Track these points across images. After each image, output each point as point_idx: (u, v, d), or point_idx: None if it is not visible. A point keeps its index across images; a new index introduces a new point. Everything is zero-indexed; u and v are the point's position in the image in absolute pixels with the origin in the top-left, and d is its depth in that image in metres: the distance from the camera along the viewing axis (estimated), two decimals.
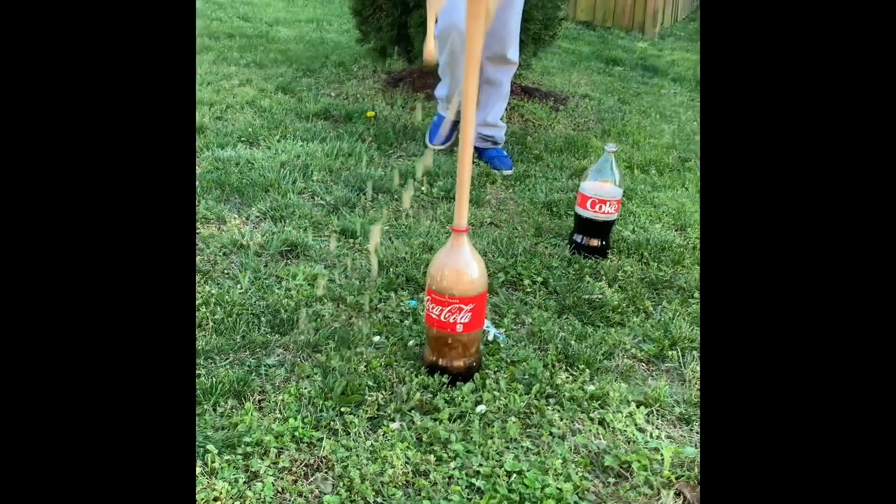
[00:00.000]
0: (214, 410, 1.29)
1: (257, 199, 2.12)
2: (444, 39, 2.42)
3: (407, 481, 1.18)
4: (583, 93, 3.60)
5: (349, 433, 1.26)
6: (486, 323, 1.58)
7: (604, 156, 1.98)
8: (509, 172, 2.57)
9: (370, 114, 2.95)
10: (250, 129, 2.62)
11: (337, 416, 1.30)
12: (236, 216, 2.02)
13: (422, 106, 3.12)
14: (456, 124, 2.59)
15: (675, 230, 2.22)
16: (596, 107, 3.41)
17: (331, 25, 4.41)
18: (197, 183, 2.12)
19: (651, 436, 1.33)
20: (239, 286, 1.67)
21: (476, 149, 2.63)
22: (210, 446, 1.19)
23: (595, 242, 2.00)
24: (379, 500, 1.14)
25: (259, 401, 1.33)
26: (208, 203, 2.05)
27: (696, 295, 1.84)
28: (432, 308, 1.39)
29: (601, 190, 1.97)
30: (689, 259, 2.02)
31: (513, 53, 2.46)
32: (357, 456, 1.21)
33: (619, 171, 1.99)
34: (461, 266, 1.37)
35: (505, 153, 2.66)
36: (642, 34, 5.22)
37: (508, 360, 1.50)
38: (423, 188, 2.34)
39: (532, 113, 3.19)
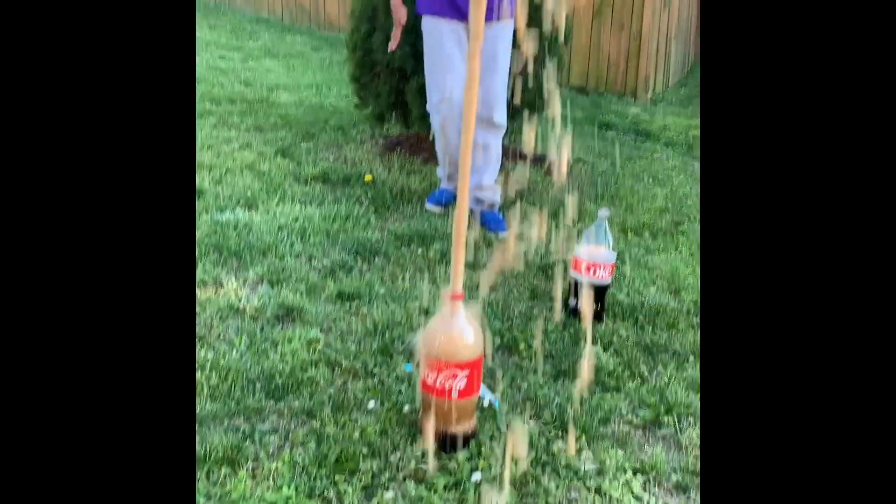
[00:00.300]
0: (208, 478, 1.28)
1: (255, 263, 2.13)
2: (436, 111, 2.52)
3: None
4: (577, 157, 3.67)
5: (343, 503, 1.24)
6: (482, 388, 1.57)
7: (597, 221, 2.01)
8: (505, 235, 2.59)
9: (368, 178, 3.00)
10: (249, 193, 2.66)
11: (331, 484, 1.28)
12: (234, 279, 2.03)
13: (418, 170, 3.17)
14: (455, 197, 2.70)
15: (669, 293, 2.23)
16: (590, 171, 3.47)
17: (330, 91, 4.51)
18: (196, 247, 2.14)
19: None
20: (234, 351, 1.67)
21: (472, 211, 2.67)
22: None
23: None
24: None
25: (252, 468, 1.32)
26: (206, 267, 2.06)
27: (691, 359, 1.84)
28: (428, 374, 1.39)
29: (595, 254, 1.99)
30: (684, 323, 2.03)
31: (499, 116, 2.53)
32: None
33: (612, 235, 2.02)
34: (456, 332, 1.38)
35: (501, 216, 2.69)
36: (634, 99, 5.35)
37: (504, 427, 1.49)
38: (419, 251, 2.36)
39: (527, 177, 3.24)
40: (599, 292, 2.01)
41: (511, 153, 3.45)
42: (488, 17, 2.42)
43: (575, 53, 5.46)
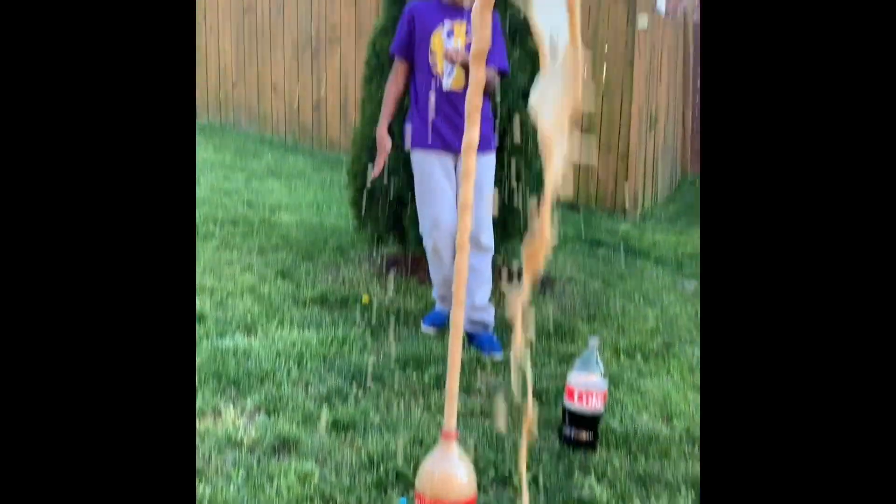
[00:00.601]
0: None
1: (253, 391, 2.17)
2: (429, 237, 2.64)
3: None
4: (568, 276, 3.77)
5: None
6: None
7: (588, 349, 2.07)
8: (499, 357, 2.64)
9: (365, 299, 3.08)
10: (249, 317, 2.72)
11: None
12: (232, 409, 2.06)
13: (414, 290, 3.26)
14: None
15: (662, 420, 2.26)
16: (581, 290, 3.56)
17: (330, 210, 4.67)
18: (196, 374, 2.18)
19: None
20: (232, 485, 1.69)
21: (466, 333, 2.74)
22: None
23: (584, 435, 2.03)
24: None
25: None
26: (206, 395, 2.10)
27: (684, 490, 1.85)
28: None
29: (587, 382, 2.04)
30: (676, 451, 2.05)
31: (486, 238, 2.65)
32: None
33: (603, 361, 2.08)
34: (450, 472, 1.41)
35: (495, 337, 2.75)
36: (624, 216, 5.53)
37: None
38: (414, 375, 2.40)
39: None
40: (592, 421, 2.04)
41: (501, 272, 3.55)
42: (481, 149, 2.59)
43: (565, 172, 5.68)
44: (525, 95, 3.17)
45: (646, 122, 5.58)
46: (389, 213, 3.29)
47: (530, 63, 3.19)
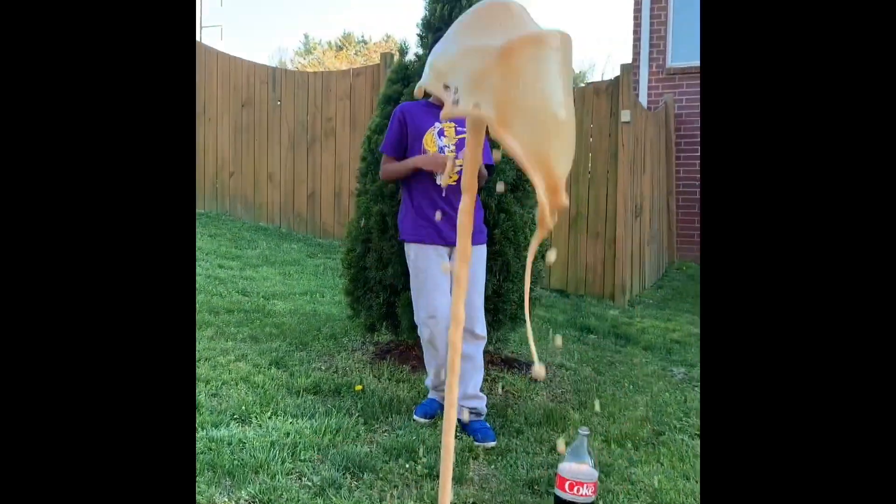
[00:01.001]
0: None
1: (247, 482, 2.18)
2: (424, 325, 2.72)
3: None
4: (559, 363, 3.82)
5: None
6: None
7: (578, 438, 2.11)
8: (492, 445, 2.66)
9: (358, 387, 3.11)
10: (243, 407, 2.75)
11: None
12: (227, 501, 2.07)
13: (407, 378, 3.29)
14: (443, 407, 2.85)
15: None
16: (572, 377, 3.60)
17: (323, 297, 4.75)
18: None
19: None
20: None
21: (459, 421, 2.77)
22: None
23: None
24: None
25: None
26: (201, 487, 2.11)
27: None
28: None
29: (578, 472, 2.07)
30: None
31: (480, 329, 2.75)
32: None
33: (593, 452, 2.11)
34: None
35: (488, 425, 2.78)
36: (613, 302, 5.63)
37: None
38: (407, 465, 2.42)
39: (511, 384, 3.36)
40: None
41: (495, 360, 3.60)
42: (475, 241, 2.71)
43: (554, 260, 5.82)
44: (514, 189, 3.33)
45: (631, 210, 5.76)
46: (382, 302, 3.36)
47: None
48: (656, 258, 6.91)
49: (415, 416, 2.83)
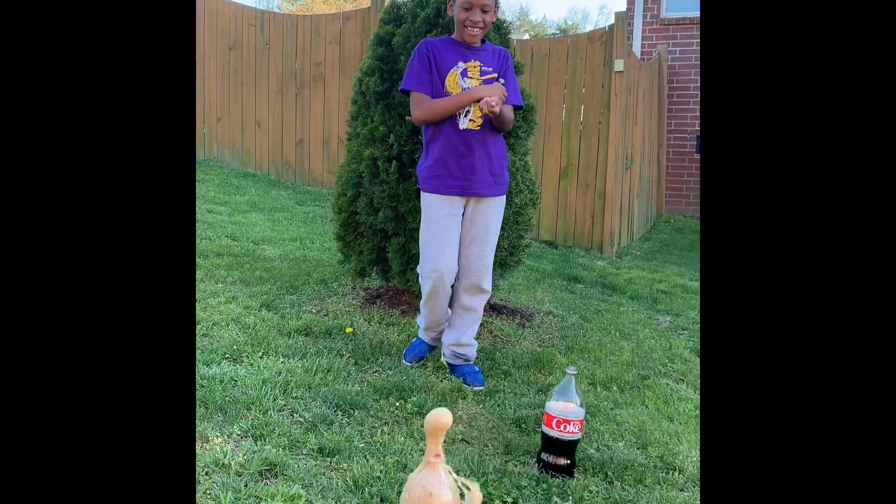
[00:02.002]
0: None
1: (239, 417, 2.21)
2: (427, 278, 2.67)
3: None
4: (547, 310, 3.86)
5: None
6: None
7: (566, 378, 2.15)
8: (481, 388, 2.71)
9: (349, 330, 3.13)
10: (234, 347, 2.77)
11: None
12: (219, 434, 2.10)
13: (397, 322, 3.32)
14: (432, 349, 2.84)
15: (637, 448, 2.33)
16: (559, 323, 3.64)
17: (313, 244, 4.74)
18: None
19: None
20: None
21: (449, 365, 2.82)
22: None
23: (562, 461, 2.10)
24: None
25: None
26: None
27: None
28: None
29: (565, 410, 2.11)
30: (650, 478, 2.12)
31: (487, 284, 2.73)
32: None
33: (580, 391, 2.15)
34: (434, 491, 1.47)
35: (477, 369, 2.82)
36: (601, 253, 5.67)
37: None
38: (397, 404, 2.46)
39: (500, 329, 3.40)
40: (570, 447, 2.11)
41: (485, 306, 3.63)
42: (494, 192, 2.67)
43: (544, 210, 5.83)
44: (505, 136, 3.31)
45: (622, 162, 5.75)
46: (373, 247, 3.37)
47: (525, 123, 3.35)
48: (645, 211, 6.94)
49: (404, 360, 2.86)
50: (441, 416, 1.49)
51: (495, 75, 2.61)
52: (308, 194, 6.50)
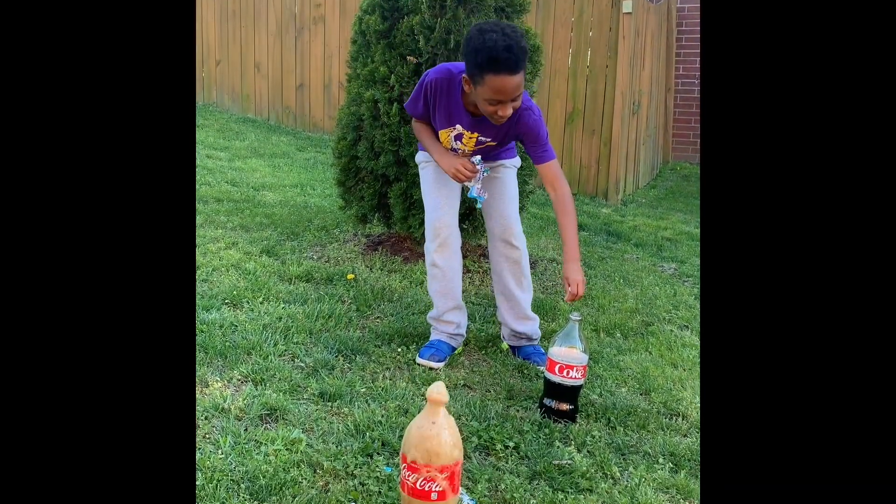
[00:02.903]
0: None
1: (239, 362, 2.19)
2: (429, 229, 2.38)
3: None
4: (550, 257, 3.82)
5: None
6: (460, 490, 1.62)
7: (569, 324, 2.12)
8: (544, 368, 2.27)
9: (350, 276, 3.10)
10: (235, 292, 2.74)
11: None
12: (218, 379, 2.08)
13: (399, 269, 3.29)
14: (453, 349, 2.46)
15: (640, 394, 2.32)
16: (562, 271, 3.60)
17: (314, 190, 4.68)
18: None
19: None
20: (219, 451, 1.72)
21: (511, 348, 2.55)
22: None
23: (564, 406, 2.08)
24: None
25: None
26: None
27: (661, 460, 1.91)
28: (407, 475, 1.45)
29: (568, 356, 2.08)
30: (654, 424, 2.11)
31: (519, 241, 2.43)
32: None
33: (584, 337, 2.12)
34: (436, 436, 1.45)
35: (542, 349, 2.48)
36: (606, 200, 5.59)
37: None
38: (399, 350, 2.44)
39: None
40: (573, 393, 2.09)
41: (486, 254, 3.59)
42: (499, 158, 2.43)
43: None
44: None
45: (629, 106, 5.63)
46: (374, 193, 3.31)
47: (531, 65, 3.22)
48: (651, 157, 6.84)
49: (419, 360, 2.37)
50: (440, 394, 1.46)
51: (493, 143, 2.31)
52: (309, 140, 6.40)
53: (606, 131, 5.53)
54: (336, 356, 2.33)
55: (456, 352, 2.48)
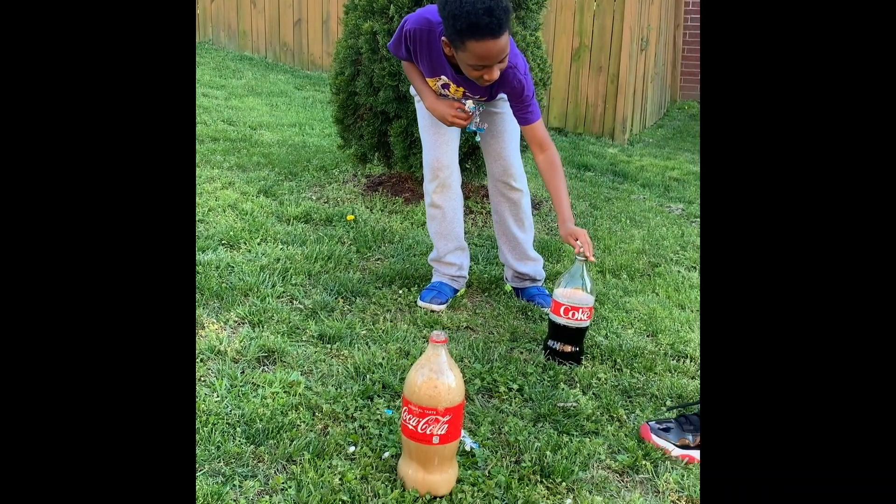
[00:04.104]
0: None
1: (236, 304, 2.14)
2: (430, 183, 2.28)
3: None
4: None
5: None
6: (462, 433, 1.58)
7: (575, 264, 2.05)
8: (548, 310, 2.24)
9: (350, 217, 3.03)
10: (231, 233, 2.67)
11: None
12: (215, 321, 2.03)
13: (400, 209, 3.21)
14: (455, 291, 2.41)
15: (647, 336, 2.27)
16: None
17: (312, 129, 4.56)
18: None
19: None
20: (215, 394, 1.67)
21: (514, 290, 2.49)
22: None
23: (569, 348, 2.03)
24: None
25: None
26: None
27: (668, 403, 1.87)
28: (409, 419, 1.40)
29: (574, 297, 2.02)
30: (661, 366, 2.06)
31: (516, 181, 2.34)
32: None
33: (590, 278, 2.05)
34: (439, 377, 1.39)
35: (545, 290, 2.44)
36: (612, 140, 5.46)
37: (485, 474, 1.50)
38: (400, 291, 2.38)
39: None
40: (578, 335, 2.04)
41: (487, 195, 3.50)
42: (490, 97, 2.22)
43: (554, 95, 5.58)
44: (516, 7, 3.07)
45: (637, 43, 5.44)
46: (374, 130, 3.20)
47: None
48: (659, 96, 6.66)
49: (420, 302, 2.31)
50: (439, 339, 1.40)
51: (483, 99, 2.19)
52: (307, 79, 6.24)
53: (614, 68, 5.36)
54: (336, 298, 2.27)
55: (458, 294, 2.43)
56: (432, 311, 2.28)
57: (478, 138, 2.31)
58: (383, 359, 1.92)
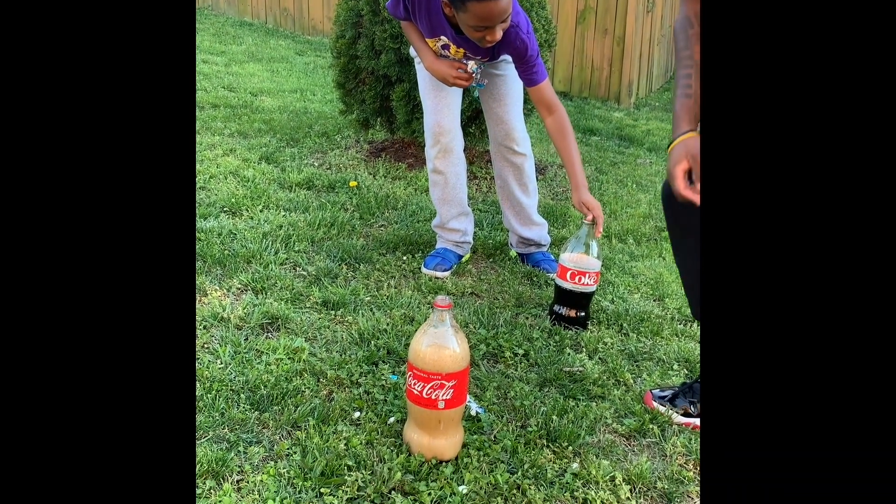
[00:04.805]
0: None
1: (239, 271, 2.12)
2: (431, 148, 2.24)
3: None
4: (560, 163, 3.68)
5: None
6: (468, 398, 1.57)
7: (582, 228, 2.02)
8: (555, 275, 2.20)
9: (353, 183, 2.99)
10: (233, 200, 2.64)
11: (316, 497, 1.28)
12: (217, 288, 2.02)
13: (403, 175, 3.17)
14: (460, 258, 2.38)
15: (654, 300, 2.25)
16: None
17: (314, 95, 4.50)
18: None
19: None
20: (219, 361, 1.66)
21: (519, 255, 2.46)
22: None
23: (575, 313, 2.02)
24: None
25: (238, 481, 1.31)
26: None
27: (675, 367, 1.85)
28: (414, 384, 1.39)
29: (580, 262, 2.00)
30: (668, 330, 2.04)
31: (519, 145, 2.28)
32: None
33: (596, 243, 2.02)
34: (443, 343, 1.38)
35: (551, 256, 2.42)
36: (618, 104, 5.39)
37: (490, 438, 1.49)
38: (403, 258, 2.36)
39: None
40: (584, 299, 2.01)
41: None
42: (492, 58, 2.16)
43: (559, 59, 5.49)
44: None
45: (643, 4, 5.33)
46: (376, 95, 3.15)
47: None
48: (665, 59, 6.55)
49: (424, 269, 2.28)
50: (444, 304, 1.37)
51: (485, 60, 2.14)
52: (308, 44, 6.15)
53: (620, 30, 5.26)
54: (339, 265, 2.25)
55: (463, 260, 2.40)
56: (436, 278, 2.26)
57: (476, 94, 2.27)
58: (388, 325, 1.90)
